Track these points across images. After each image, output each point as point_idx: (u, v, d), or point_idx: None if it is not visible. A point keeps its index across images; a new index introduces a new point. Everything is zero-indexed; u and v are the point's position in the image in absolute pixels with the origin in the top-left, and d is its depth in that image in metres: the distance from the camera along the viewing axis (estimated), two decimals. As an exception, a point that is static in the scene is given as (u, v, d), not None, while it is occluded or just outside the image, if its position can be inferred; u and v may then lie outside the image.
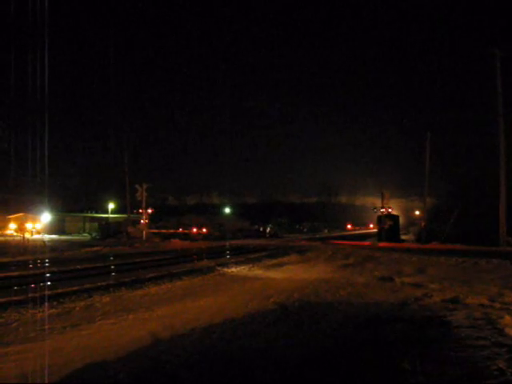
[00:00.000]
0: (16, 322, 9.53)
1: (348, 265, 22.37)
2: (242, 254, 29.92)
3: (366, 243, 46.01)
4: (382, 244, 44.10)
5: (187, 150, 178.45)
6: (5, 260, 24.92)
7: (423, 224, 47.24)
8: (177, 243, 46.89)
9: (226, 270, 19.91)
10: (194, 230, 60.43)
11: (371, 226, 60.40)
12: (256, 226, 74.04)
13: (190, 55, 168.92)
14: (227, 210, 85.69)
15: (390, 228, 50.15)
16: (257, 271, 19.49)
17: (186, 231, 59.58)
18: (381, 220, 50.88)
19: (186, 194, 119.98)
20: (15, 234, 58.06)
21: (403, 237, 53.86)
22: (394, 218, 51.45)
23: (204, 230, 61.21)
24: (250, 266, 21.62)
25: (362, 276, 17.64)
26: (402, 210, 70.04)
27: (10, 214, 63.75)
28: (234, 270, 19.97)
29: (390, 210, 51.41)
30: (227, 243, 45.52)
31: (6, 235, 53.55)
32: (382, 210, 50.85)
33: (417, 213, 60.27)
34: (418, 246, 41.00)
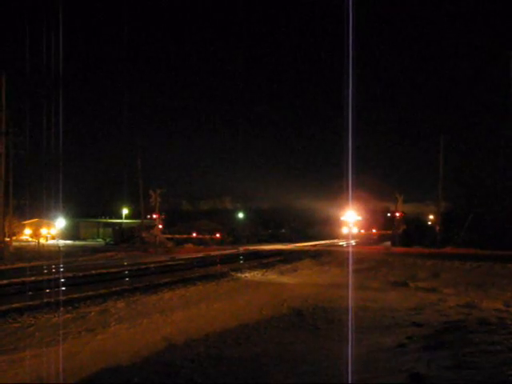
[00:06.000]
0: (32, 326, 9.60)
1: (362, 269, 22.28)
2: (256, 259, 29.86)
3: (380, 247, 45.80)
4: (395, 248, 43.87)
5: (200, 155, 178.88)
6: (20, 265, 25.11)
7: (437, 228, 46.93)
8: (190, 248, 46.94)
9: (239, 274, 19.90)
10: (208, 235, 60.47)
11: (385, 230, 60.02)
12: (270, 231, 73.92)
13: (203, 60, 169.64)
14: (240, 215, 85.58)
15: (403, 232, 49.91)
16: (271, 276, 19.46)
17: (200, 236, 59.63)
18: (395, 224, 50.64)
19: (200, 199, 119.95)
20: (30, 239, 58.42)
21: (417, 241, 53.55)
22: (408, 222, 51.16)
23: (217, 235, 61.24)
24: (264, 271, 21.58)
25: (375, 281, 17.58)
26: (417, 214, 69.60)
27: (25, 220, 64.12)
28: (247, 275, 19.94)
29: (403, 214, 51.14)
30: (241, 248, 45.48)
31: (22, 240, 53.87)
32: (396, 215, 50.58)
33: (431, 217, 59.84)
34: (433, 250, 40.74)
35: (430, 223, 60.80)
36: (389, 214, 52.76)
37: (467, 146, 50.23)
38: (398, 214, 49.76)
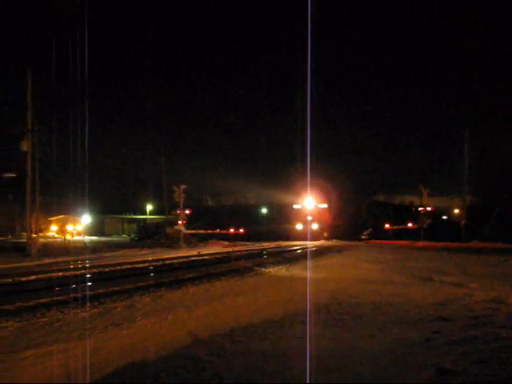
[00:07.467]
0: (59, 321, 9.72)
1: (387, 264, 22.17)
2: (280, 254, 29.90)
3: (405, 242, 45.50)
4: (421, 243, 43.56)
5: (224, 151, 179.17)
6: (47, 261, 25.44)
7: (463, 222, 46.49)
8: (214, 243, 47.16)
9: (263, 269, 19.92)
10: (231, 230, 60.64)
11: (410, 224, 59.40)
12: (294, 226, 73.73)
13: (225, 55, 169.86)
14: (264, 211, 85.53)
15: (429, 226, 49.52)
16: (295, 271, 19.42)
17: (224, 232, 59.84)
18: (420, 218, 50.27)
19: (223, 195, 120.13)
20: (56, 235, 59.28)
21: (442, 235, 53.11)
22: (434, 216, 50.74)
23: (241, 230, 61.39)
24: (288, 265, 21.56)
25: (401, 275, 17.46)
26: (441, 208, 68.84)
27: (52, 216, 64.98)
28: (271, 270, 19.95)
29: (428, 208, 50.72)
30: (264, 243, 45.50)
31: (48, 237, 54.60)
32: (420, 209, 50.21)
33: (456, 211, 59.22)
34: (458, 244, 40.37)
35: (455, 217, 60.16)
36: (413, 208, 52.24)
37: (493, 139, 49.56)
38: (429, 209, 49.55)
